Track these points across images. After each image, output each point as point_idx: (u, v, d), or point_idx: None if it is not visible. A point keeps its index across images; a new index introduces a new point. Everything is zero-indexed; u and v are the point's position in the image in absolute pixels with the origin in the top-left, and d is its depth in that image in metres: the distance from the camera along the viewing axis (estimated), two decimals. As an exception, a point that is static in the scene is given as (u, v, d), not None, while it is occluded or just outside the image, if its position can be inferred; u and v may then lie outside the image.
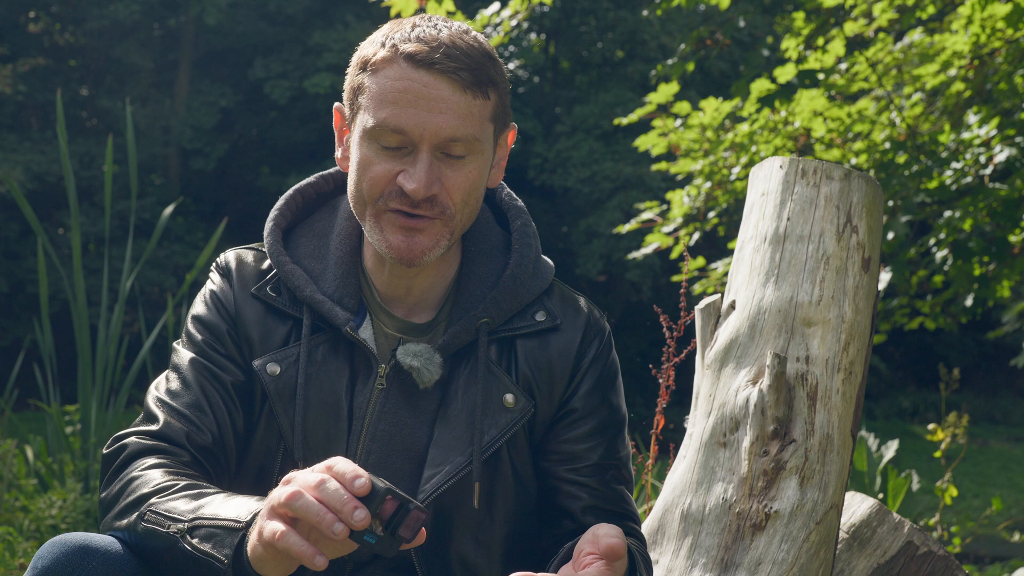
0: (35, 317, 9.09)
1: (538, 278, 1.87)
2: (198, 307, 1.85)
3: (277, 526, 1.41)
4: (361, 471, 1.40)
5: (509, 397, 1.80)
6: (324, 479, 1.40)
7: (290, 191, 1.92)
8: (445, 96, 1.69)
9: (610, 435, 1.87)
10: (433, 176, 1.70)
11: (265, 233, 1.87)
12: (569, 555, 1.73)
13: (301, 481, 1.41)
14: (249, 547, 1.47)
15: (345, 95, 1.79)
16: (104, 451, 1.75)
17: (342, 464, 1.41)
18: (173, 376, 1.80)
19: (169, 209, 6.65)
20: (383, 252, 1.75)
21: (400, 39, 1.71)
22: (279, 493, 1.42)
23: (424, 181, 1.69)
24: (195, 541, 1.52)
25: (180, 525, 1.55)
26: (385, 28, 1.77)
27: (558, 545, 1.85)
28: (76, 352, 5.87)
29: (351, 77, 1.77)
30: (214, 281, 1.87)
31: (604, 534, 1.55)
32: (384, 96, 1.70)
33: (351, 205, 1.79)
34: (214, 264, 1.90)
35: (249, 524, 1.49)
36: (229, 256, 1.89)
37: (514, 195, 1.94)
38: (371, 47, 1.75)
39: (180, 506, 1.57)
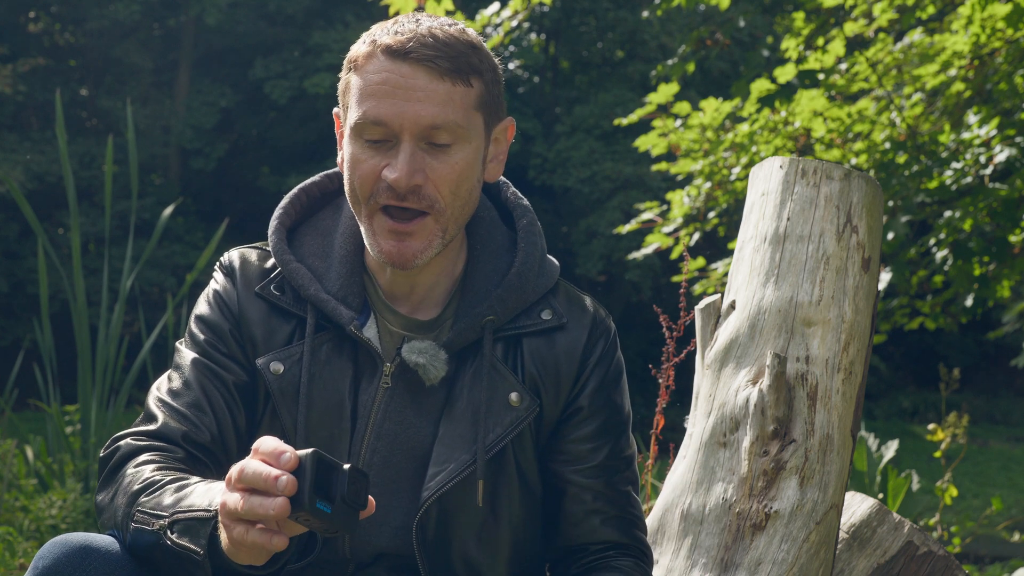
0: (35, 317, 9.09)
1: (544, 277, 1.87)
2: (201, 307, 1.85)
3: (232, 526, 1.42)
4: (284, 446, 1.39)
5: (514, 396, 1.79)
6: (242, 467, 1.40)
7: (294, 190, 1.91)
8: (422, 84, 1.69)
9: (614, 435, 1.86)
10: (415, 166, 1.70)
11: (269, 232, 1.86)
12: None
13: (229, 477, 1.42)
14: (222, 540, 1.47)
15: (339, 98, 1.80)
16: (101, 453, 1.75)
17: (266, 443, 1.41)
18: (175, 376, 1.80)
19: (169, 209, 6.66)
20: (377, 257, 1.76)
21: (380, 34, 1.73)
22: (220, 499, 1.43)
23: (405, 170, 1.69)
24: (174, 536, 1.52)
25: (162, 521, 1.54)
26: (372, 28, 1.78)
27: (562, 551, 1.86)
28: (76, 352, 5.88)
29: (341, 79, 1.79)
30: (217, 280, 1.86)
31: None
32: (365, 90, 1.71)
33: (351, 207, 1.79)
34: (218, 263, 1.89)
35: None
36: (233, 255, 1.88)
37: (519, 194, 1.94)
38: (356, 47, 1.77)
39: (163, 502, 1.57)
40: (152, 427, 1.74)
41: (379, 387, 1.79)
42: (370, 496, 1.43)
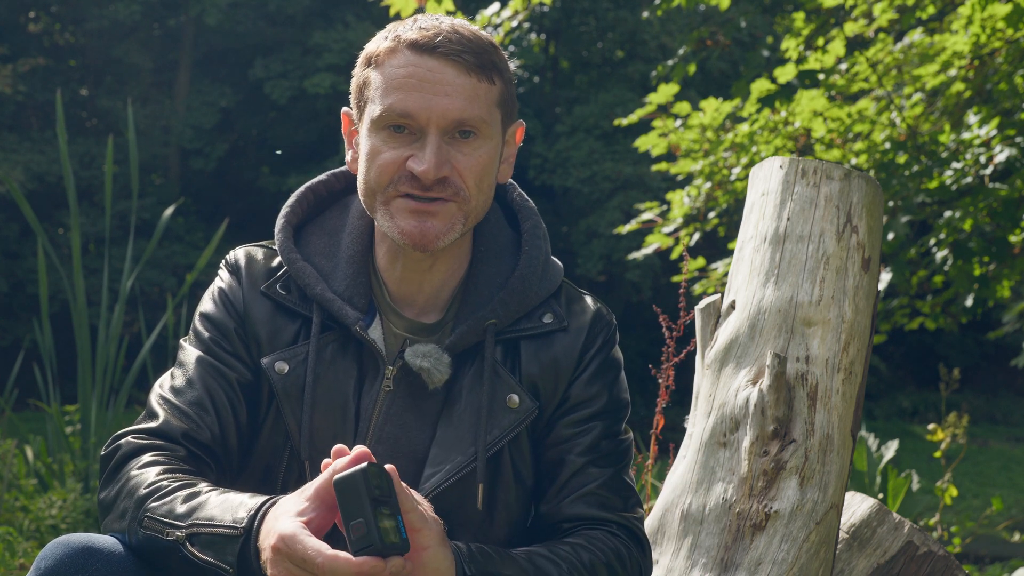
0: (35, 317, 9.10)
1: (546, 281, 1.87)
2: (206, 304, 1.84)
3: None
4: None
5: (514, 397, 1.79)
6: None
7: (302, 188, 1.91)
8: (450, 79, 1.70)
9: (606, 420, 1.85)
10: (443, 158, 1.71)
11: (276, 230, 1.86)
12: None
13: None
14: (266, 559, 1.46)
15: (352, 97, 1.80)
16: (102, 452, 1.75)
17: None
18: (179, 373, 1.80)
19: (169, 210, 6.66)
20: (396, 239, 1.75)
21: (402, 31, 1.74)
22: None
23: (433, 162, 1.69)
24: (196, 550, 1.53)
25: (179, 533, 1.55)
26: (389, 27, 1.79)
27: (540, 523, 1.83)
28: (76, 352, 5.88)
29: (356, 77, 1.78)
30: (223, 278, 1.85)
31: None
32: (390, 84, 1.71)
33: (361, 199, 1.79)
34: (224, 261, 1.89)
35: (248, 529, 1.49)
36: (239, 253, 1.88)
37: (525, 196, 1.94)
38: (374, 44, 1.77)
39: (176, 510, 1.57)
40: (153, 424, 1.74)
41: (380, 390, 1.78)
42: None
